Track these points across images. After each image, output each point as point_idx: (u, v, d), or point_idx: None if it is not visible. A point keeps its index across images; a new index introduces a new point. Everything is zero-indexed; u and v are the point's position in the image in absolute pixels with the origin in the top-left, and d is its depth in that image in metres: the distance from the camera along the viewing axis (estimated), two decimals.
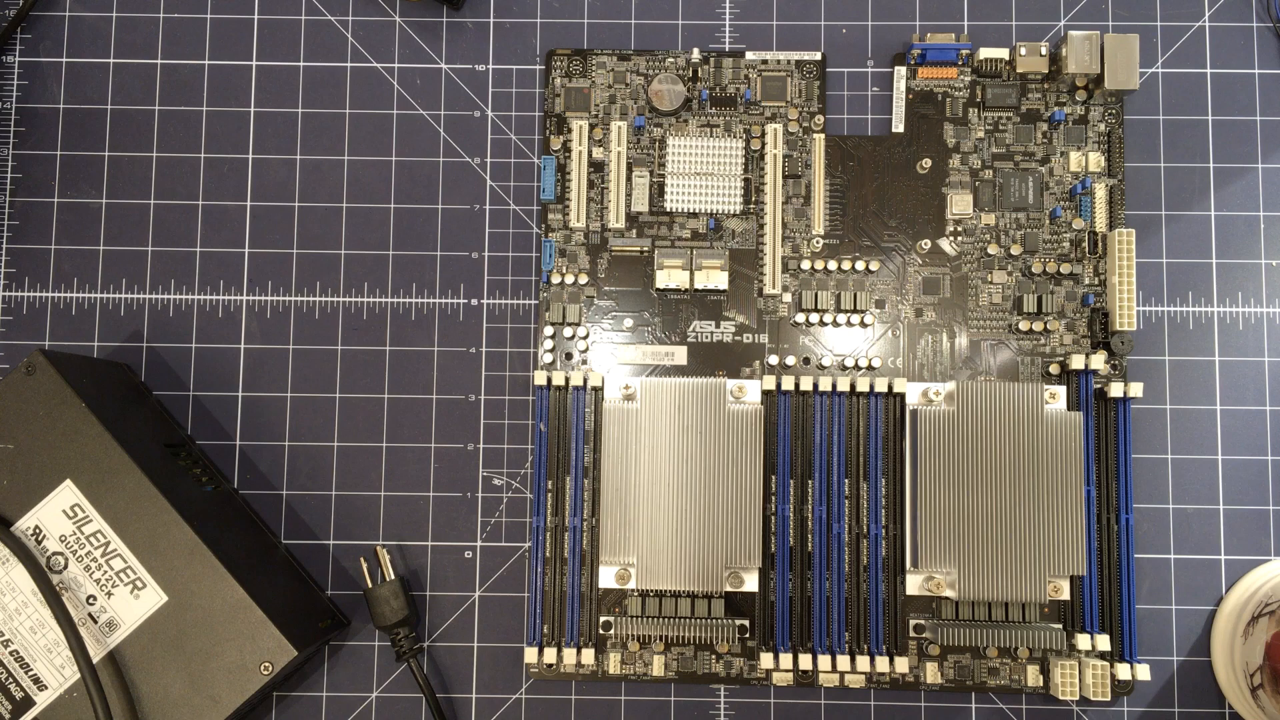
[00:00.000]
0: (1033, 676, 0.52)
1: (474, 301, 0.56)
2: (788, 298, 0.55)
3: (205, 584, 0.48)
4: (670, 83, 0.55)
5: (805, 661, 0.52)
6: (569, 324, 0.55)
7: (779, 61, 0.56)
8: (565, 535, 0.53)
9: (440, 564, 0.55)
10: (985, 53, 0.55)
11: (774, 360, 0.55)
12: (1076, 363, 0.53)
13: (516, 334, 0.56)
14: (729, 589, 0.51)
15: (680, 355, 0.55)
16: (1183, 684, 0.54)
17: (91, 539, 0.48)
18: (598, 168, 0.56)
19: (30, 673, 0.47)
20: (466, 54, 0.57)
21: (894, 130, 0.56)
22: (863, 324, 0.55)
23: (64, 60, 0.57)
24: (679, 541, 0.51)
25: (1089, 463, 0.52)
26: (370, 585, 0.53)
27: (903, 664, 0.52)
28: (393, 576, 0.53)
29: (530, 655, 0.52)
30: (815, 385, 0.53)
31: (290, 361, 0.56)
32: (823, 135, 0.56)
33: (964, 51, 0.56)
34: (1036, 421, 0.51)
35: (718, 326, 0.55)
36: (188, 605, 0.48)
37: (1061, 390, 0.52)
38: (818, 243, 0.55)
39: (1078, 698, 0.51)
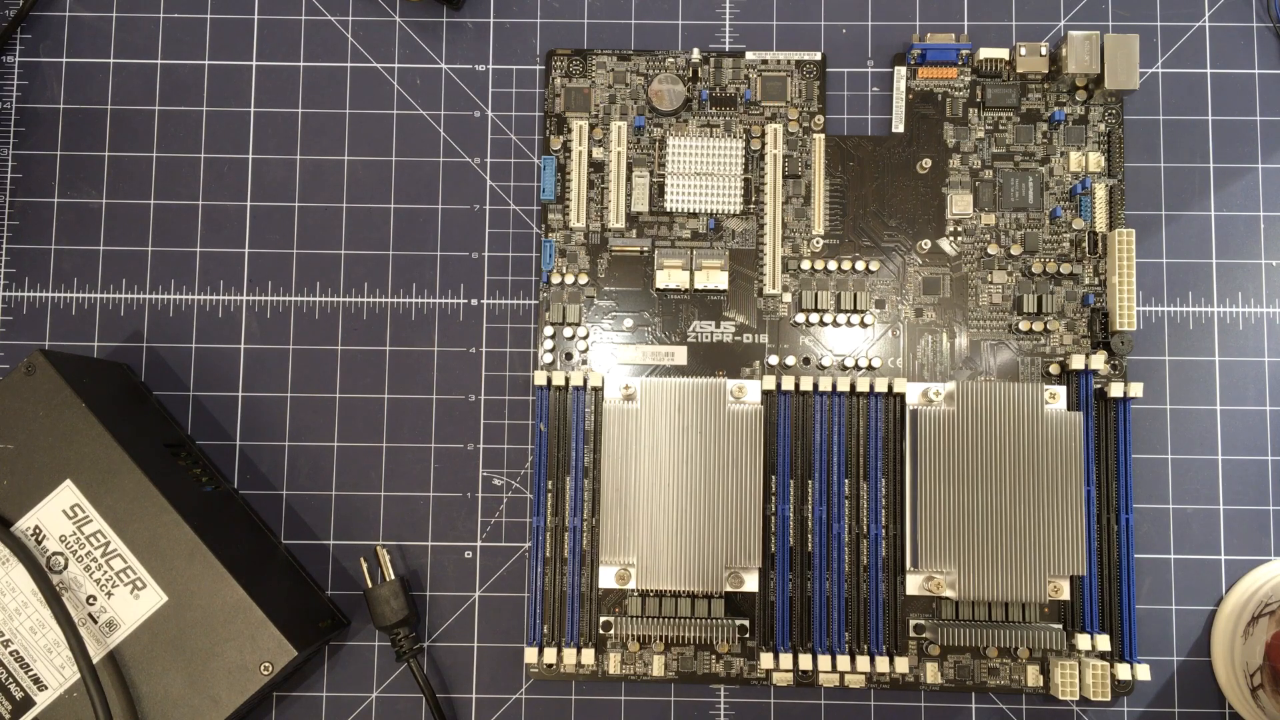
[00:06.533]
0: (1033, 676, 0.52)
1: (474, 301, 0.56)
2: (788, 298, 0.55)
3: (205, 584, 0.48)
4: (670, 83, 0.55)
5: (805, 661, 0.52)
6: (569, 324, 0.55)
7: (779, 61, 0.56)
8: (565, 535, 0.53)
9: (440, 564, 0.55)
10: (985, 53, 0.55)
11: (774, 360, 0.55)
12: (1076, 363, 0.53)
13: (516, 334, 0.56)
14: (729, 589, 0.51)
15: (680, 355, 0.55)
16: (1183, 684, 0.54)
17: (91, 539, 0.48)
18: (598, 168, 0.56)
19: (30, 673, 0.47)
20: (466, 54, 0.57)
21: (894, 130, 0.56)
22: (863, 324, 0.55)
23: (64, 60, 0.57)
24: (679, 541, 0.51)
25: (1089, 463, 0.52)
26: (370, 585, 0.53)
27: (903, 664, 0.52)
28: (393, 576, 0.53)
29: (530, 655, 0.52)
30: (815, 385, 0.53)
31: (290, 361, 0.56)
32: (823, 135, 0.56)
33: (964, 51, 0.56)
34: (1036, 421, 0.51)
35: (718, 326, 0.55)
36: (188, 605, 0.48)
37: (1061, 390, 0.52)
38: (818, 243, 0.55)
39: (1078, 698, 0.51)
